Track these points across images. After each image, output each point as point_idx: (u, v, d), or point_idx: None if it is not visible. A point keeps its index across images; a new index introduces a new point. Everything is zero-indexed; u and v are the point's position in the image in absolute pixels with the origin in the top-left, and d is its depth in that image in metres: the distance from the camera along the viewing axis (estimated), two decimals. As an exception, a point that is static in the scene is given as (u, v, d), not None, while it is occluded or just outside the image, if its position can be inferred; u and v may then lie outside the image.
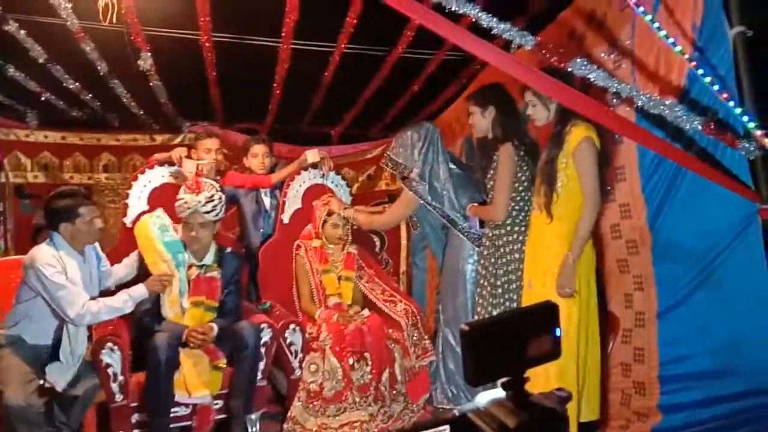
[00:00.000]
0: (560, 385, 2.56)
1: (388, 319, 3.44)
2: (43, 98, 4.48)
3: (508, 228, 2.97)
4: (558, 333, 0.99)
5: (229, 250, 3.20)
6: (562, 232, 2.59)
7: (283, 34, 3.54)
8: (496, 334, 0.93)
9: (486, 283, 3.03)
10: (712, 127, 2.12)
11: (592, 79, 2.18)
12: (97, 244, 3.01)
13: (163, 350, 2.73)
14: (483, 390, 0.96)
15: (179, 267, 3.03)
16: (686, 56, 2.18)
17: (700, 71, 2.13)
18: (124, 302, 2.81)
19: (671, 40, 2.16)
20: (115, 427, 2.77)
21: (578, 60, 2.17)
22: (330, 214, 3.57)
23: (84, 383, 2.67)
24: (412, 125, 3.38)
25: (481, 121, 3.07)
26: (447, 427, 0.88)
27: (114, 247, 3.37)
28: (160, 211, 3.21)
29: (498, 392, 0.92)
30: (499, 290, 2.98)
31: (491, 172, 3.03)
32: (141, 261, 3.08)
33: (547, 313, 0.99)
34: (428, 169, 3.24)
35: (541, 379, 2.48)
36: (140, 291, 2.87)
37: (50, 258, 2.65)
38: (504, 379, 0.92)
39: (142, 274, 3.03)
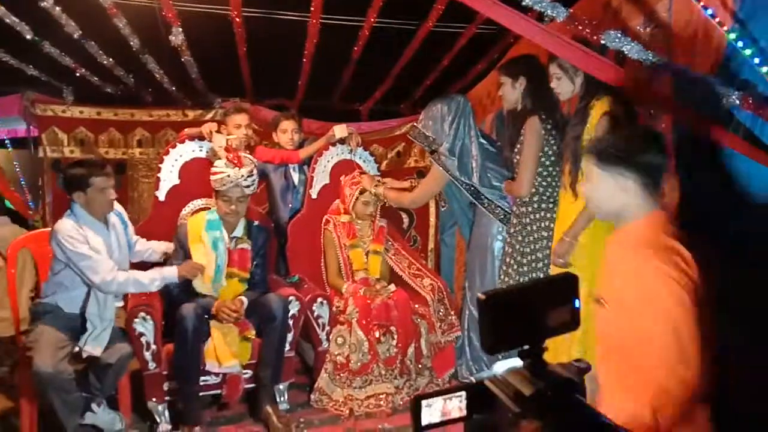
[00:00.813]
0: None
1: (415, 294, 3.46)
2: (78, 74, 4.55)
3: (535, 205, 2.91)
4: (577, 304, 0.97)
5: (256, 223, 3.25)
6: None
7: (312, 9, 3.52)
8: (514, 302, 0.92)
9: (512, 261, 3.00)
10: (751, 101, 2.05)
11: (626, 52, 2.12)
12: (121, 210, 3.07)
13: (191, 320, 2.80)
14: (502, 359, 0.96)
15: (218, 244, 3.08)
16: (725, 28, 2.11)
17: (740, 44, 2.06)
18: (152, 281, 2.88)
19: (710, 11, 2.08)
20: (148, 394, 2.87)
21: (611, 32, 2.12)
22: (362, 192, 3.58)
23: (117, 351, 2.74)
24: (442, 97, 3.32)
25: (512, 93, 3.00)
26: (463, 393, 0.88)
27: (146, 220, 3.44)
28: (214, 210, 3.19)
29: (516, 361, 0.92)
30: (525, 268, 2.95)
31: (518, 146, 2.99)
32: (183, 249, 3.11)
33: (567, 284, 0.98)
34: (459, 144, 3.18)
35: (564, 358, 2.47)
36: (171, 274, 2.94)
37: (71, 230, 2.73)
38: (521, 348, 0.91)
39: (180, 258, 3.09)
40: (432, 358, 3.35)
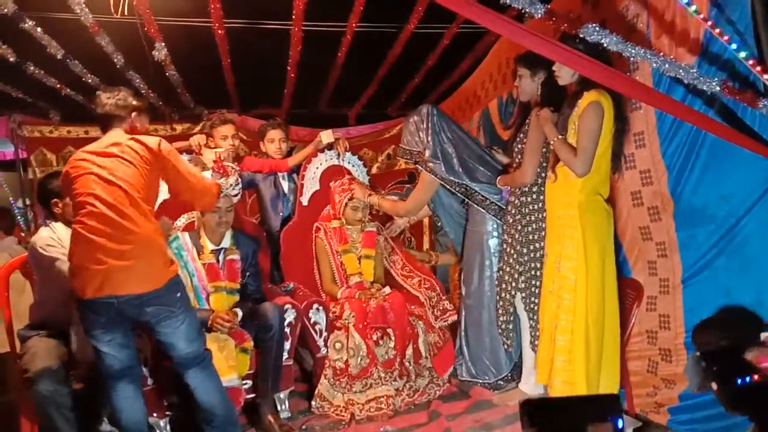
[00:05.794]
0: (569, 366, 2.57)
1: (410, 295, 3.47)
2: (63, 94, 4.55)
3: (534, 195, 2.94)
4: (620, 425, 0.99)
5: (243, 232, 3.26)
6: (572, 202, 2.54)
7: (293, 17, 3.53)
8: (557, 413, 0.96)
9: (512, 251, 3.01)
10: (731, 86, 2.07)
11: (605, 44, 2.13)
12: None
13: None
14: None
15: (186, 262, 3.06)
16: (702, 15, 2.12)
17: (717, 30, 2.07)
18: None
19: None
20: (149, 411, 2.83)
21: (590, 25, 2.13)
22: (351, 198, 3.59)
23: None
24: (413, 112, 3.37)
25: (530, 85, 2.98)
26: None
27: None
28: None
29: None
30: (525, 258, 2.98)
31: (520, 135, 3.01)
32: None
33: (610, 403, 1.01)
34: (439, 147, 3.22)
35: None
36: None
37: (47, 239, 2.72)
38: None
39: None
40: (431, 358, 3.36)
